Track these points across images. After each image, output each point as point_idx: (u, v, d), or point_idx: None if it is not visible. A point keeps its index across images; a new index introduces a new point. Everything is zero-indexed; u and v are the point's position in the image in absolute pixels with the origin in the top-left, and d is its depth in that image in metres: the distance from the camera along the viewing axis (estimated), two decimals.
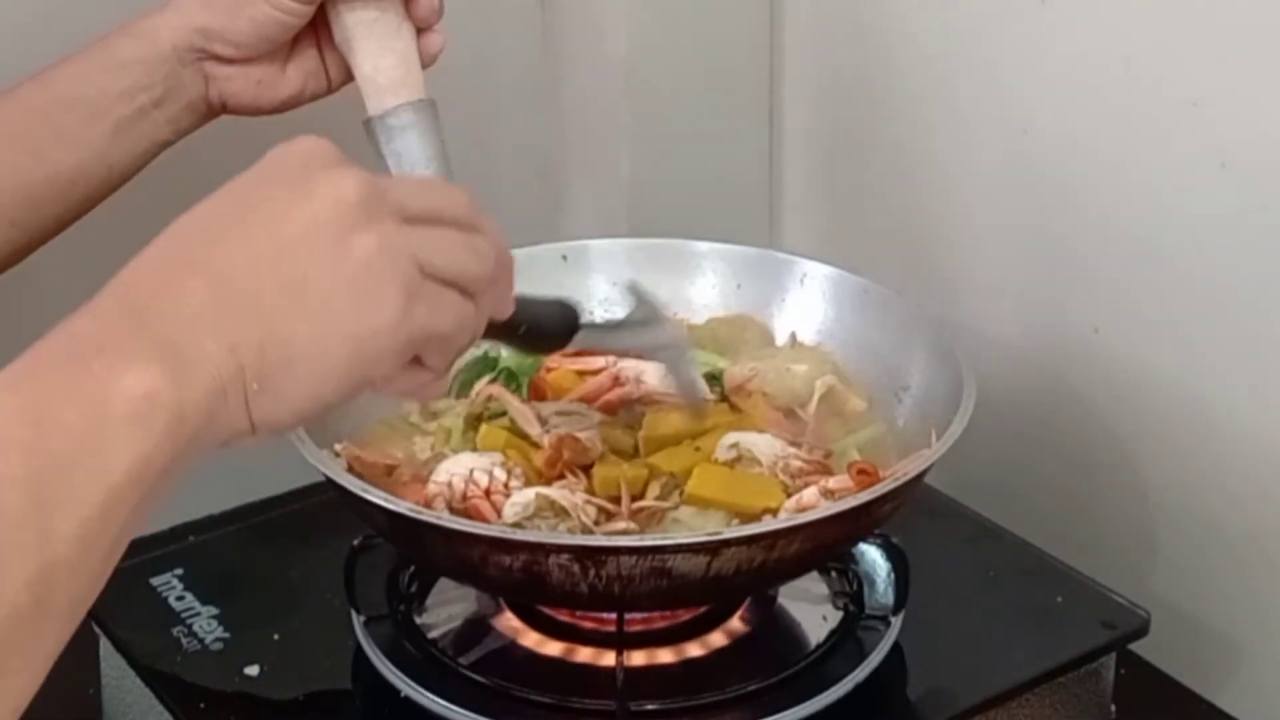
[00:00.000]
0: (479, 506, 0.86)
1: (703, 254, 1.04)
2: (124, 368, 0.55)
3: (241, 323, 0.58)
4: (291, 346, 0.59)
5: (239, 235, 0.60)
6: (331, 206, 0.60)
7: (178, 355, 0.56)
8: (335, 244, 0.60)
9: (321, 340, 0.60)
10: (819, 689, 0.85)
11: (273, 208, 0.61)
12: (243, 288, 0.59)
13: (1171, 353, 1.00)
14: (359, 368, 0.61)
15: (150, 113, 0.90)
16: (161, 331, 0.57)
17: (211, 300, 0.58)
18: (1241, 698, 0.96)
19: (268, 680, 0.87)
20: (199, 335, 0.57)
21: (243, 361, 0.58)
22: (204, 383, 0.57)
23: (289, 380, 0.59)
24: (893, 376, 0.96)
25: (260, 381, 0.59)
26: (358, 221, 0.60)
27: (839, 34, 1.20)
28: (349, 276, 0.60)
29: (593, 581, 0.77)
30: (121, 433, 0.54)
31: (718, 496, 0.87)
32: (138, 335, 0.56)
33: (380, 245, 0.61)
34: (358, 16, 0.91)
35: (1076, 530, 1.06)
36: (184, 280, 0.59)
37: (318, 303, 0.60)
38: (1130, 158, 1.00)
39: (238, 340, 0.58)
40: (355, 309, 0.60)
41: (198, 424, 0.57)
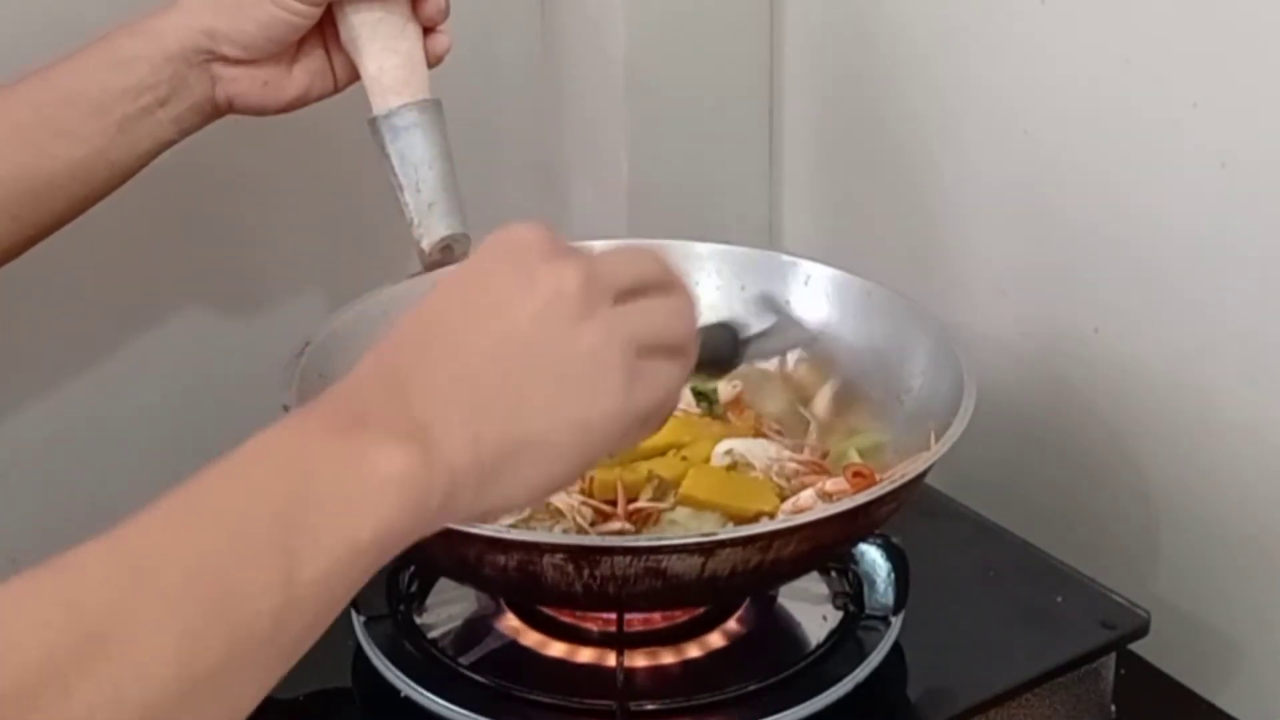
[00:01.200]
0: None
1: (705, 255, 1.04)
2: (381, 443, 0.58)
3: (481, 412, 0.61)
4: (525, 437, 0.61)
5: (476, 321, 0.62)
6: (556, 298, 0.62)
7: (427, 439, 0.59)
8: (562, 336, 0.62)
9: (553, 430, 0.62)
10: (819, 689, 0.85)
11: (503, 297, 0.63)
12: (482, 376, 0.61)
13: (1171, 353, 1.00)
14: (588, 452, 0.63)
15: (155, 112, 0.90)
16: (414, 412, 0.60)
17: (455, 385, 0.61)
18: (1241, 698, 0.97)
19: None
20: (445, 421, 0.60)
21: (480, 451, 0.60)
22: (448, 468, 0.59)
23: (521, 469, 0.62)
24: (894, 377, 0.96)
25: (496, 470, 0.61)
26: (580, 311, 0.62)
27: (839, 34, 1.20)
28: (577, 367, 0.62)
29: (587, 581, 0.77)
30: (373, 501, 0.57)
31: (711, 498, 0.87)
32: (393, 413, 0.59)
33: (604, 334, 0.63)
34: (364, 17, 0.91)
35: (1076, 530, 1.06)
36: (433, 362, 0.61)
37: (550, 393, 0.62)
38: (1130, 158, 1.00)
39: (478, 430, 0.60)
40: (584, 398, 0.62)
41: (438, 503, 0.59)
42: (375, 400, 0.60)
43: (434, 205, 0.92)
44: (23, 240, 0.90)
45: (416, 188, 0.92)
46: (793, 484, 0.89)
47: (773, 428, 0.94)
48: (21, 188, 0.89)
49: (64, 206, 0.90)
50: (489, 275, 0.64)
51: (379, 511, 0.57)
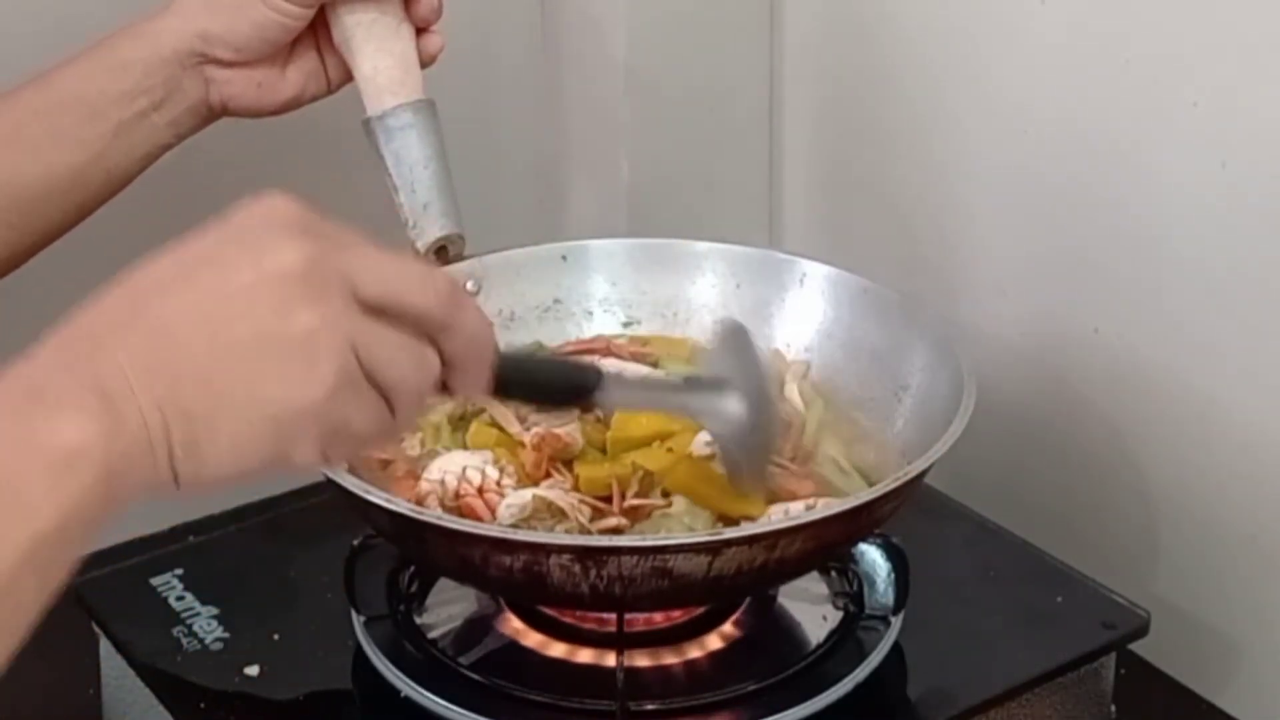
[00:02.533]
0: (472, 504, 0.86)
1: (702, 254, 1.04)
2: (56, 417, 0.55)
3: (172, 382, 0.58)
4: (216, 412, 0.58)
5: (185, 290, 0.59)
6: (277, 275, 0.59)
7: (109, 407, 0.56)
8: (274, 315, 0.59)
9: (245, 411, 0.59)
10: (819, 689, 0.84)
11: (222, 267, 0.60)
12: (179, 347, 0.58)
13: (1172, 352, 1.00)
14: (278, 444, 0.60)
15: (150, 115, 0.90)
16: (97, 382, 0.57)
17: (147, 354, 0.58)
18: (1241, 698, 0.96)
19: (268, 680, 0.87)
20: (132, 389, 0.57)
21: (169, 421, 0.58)
22: (132, 437, 0.57)
23: (212, 445, 0.59)
24: (892, 376, 0.96)
25: (184, 443, 0.58)
26: (302, 295, 0.59)
27: (839, 34, 1.20)
28: (282, 350, 0.59)
29: (594, 582, 0.77)
30: (49, 483, 0.55)
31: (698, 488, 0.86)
32: (73, 384, 0.56)
33: (320, 324, 0.59)
34: (357, 18, 0.91)
35: (1076, 530, 1.06)
36: (125, 331, 0.58)
37: (248, 372, 0.59)
38: (1130, 158, 1.00)
39: (166, 399, 0.57)
40: (283, 384, 0.59)
41: (126, 474, 0.57)
42: (55, 371, 0.57)
43: (429, 206, 0.92)
44: (22, 249, 0.90)
45: (411, 188, 0.92)
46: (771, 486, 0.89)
47: None
48: (20, 195, 0.89)
49: (62, 213, 0.90)
50: (215, 241, 0.61)
51: (56, 495, 0.55)
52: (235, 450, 0.59)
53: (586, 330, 1.03)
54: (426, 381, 0.64)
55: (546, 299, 1.03)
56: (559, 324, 1.03)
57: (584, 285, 1.03)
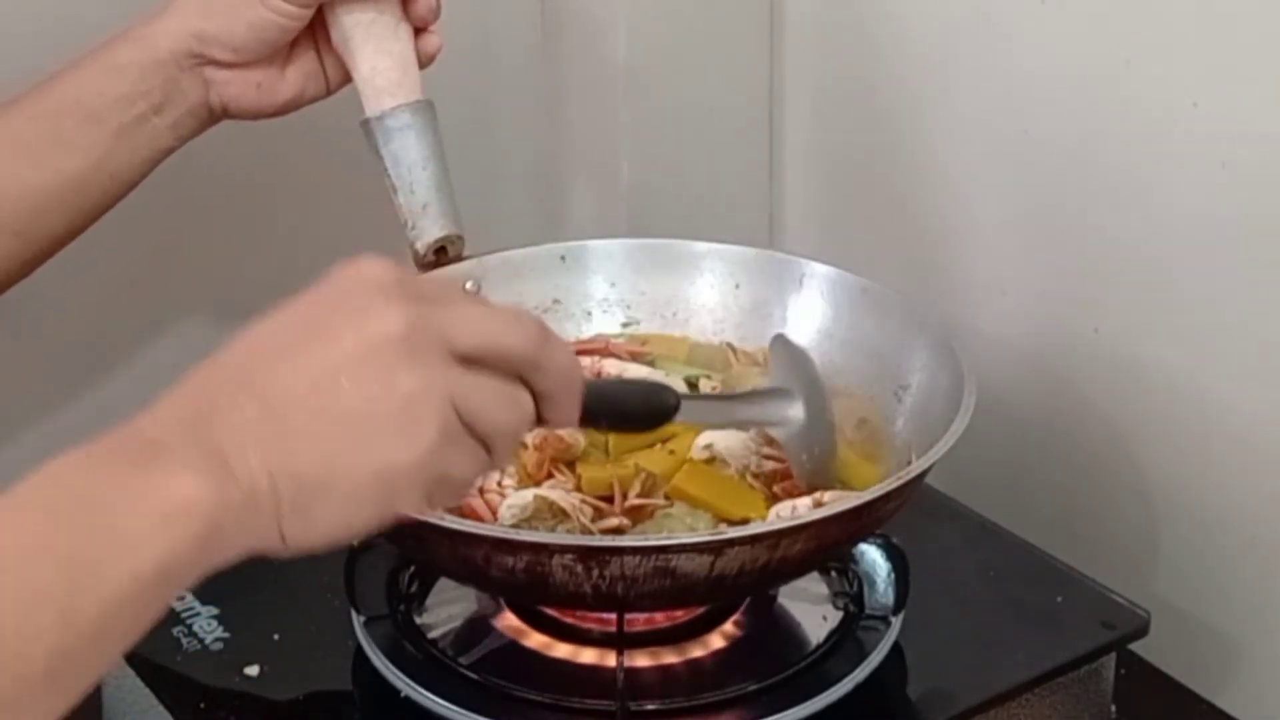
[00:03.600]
0: (473, 505, 0.86)
1: (701, 254, 1.04)
2: (172, 471, 0.58)
3: (284, 448, 0.60)
4: (325, 480, 0.61)
5: (293, 358, 0.62)
6: (381, 340, 0.61)
7: (222, 468, 0.59)
8: (379, 381, 0.61)
9: (353, 475, 0.61)
10: (819, 689, 0.84)
11: (327, 335, 0.62)
12: (290, 413, 0.61)
13: (1172, 353, 1.00)
14: (384, 502, 0.63)
15: (150, 119, 0.90)
16: (212, 443, 0.59)
17: (261, 421, 0.60)
18: (1241, 698, 0.96)
19: (268, 680, 0.87)
20: (245, 453, 0.59)
21: (279, 486, 0.60)
22: (242, 498, 0.59)
23: (320, 508, 0.61)
24: (893, 376, 0.96)
25: (293, 506, 0.61)
26: (402, 359, 0.61)
27: (839, 35, 1.20)
28: (389, 414, 0.61)
29: (596, 582, 0.77)
30: (157, 531, 0.57)
31: (700, 494, 0.87)
32: (189, 443, 0.59)
33: (422, 386, 0.62)
34: (355, 18, 0.91)
35: (1076, 530, 1.06)
36: (239, 397, 0.61)
37: (356, 438, 0.61)
38: (1130, 158, 1.00)
39: (279, 465, 0.60)
40: (389, 447, 0.62)
41: (231, 533, 0.59)
42: (173, 429, 0.60)
43: (428, 206, 0.92)
44: (30, 257, 0.90)
45: (410, 189, 0.92)
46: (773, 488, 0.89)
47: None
48: (23, 202, 0.88)
49: (67, 220, 0.90)
50: (319, 307, 0.63)
51: (161, 544, 0.57)
52: (344, 511, 0.62)
53: (586, 330, 1.03)
54: (522, 422, 0.67)
55: (546, 299, 1.03)
56: (558, 324, 1.03)
57: (583, 286, 1.04)
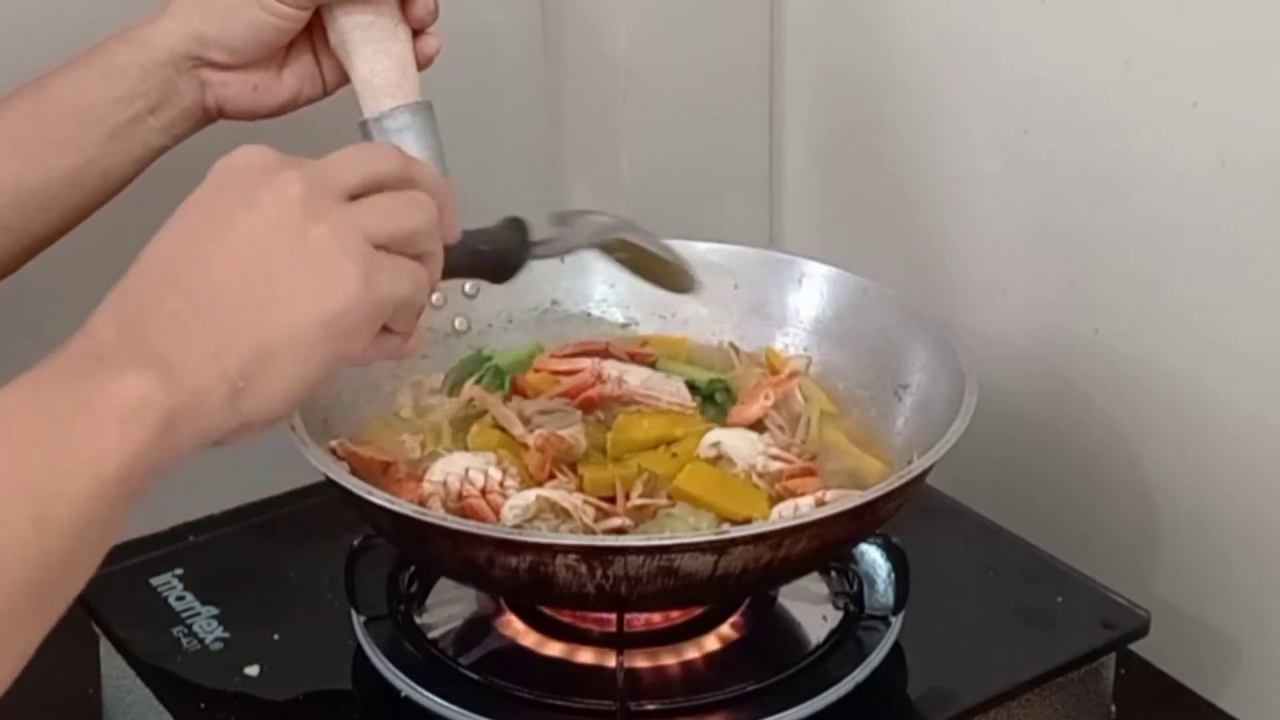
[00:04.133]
0: (475, 506, 0.86)
1: (700, 254, 1.03)
2: (118, 375, 0.61)
3: (219, 331, 0.63)
4: (269, 343, 0.64)
5: (204, 249, 0.65)
6: (280, 207, 0.65)
7: (165, 366, 0.62)
8: (291, 240, 0.65)
9: (295, 330, 0.64)
10: (819, 689, 0.85)
11: (228, 219, 0.65)
12: (216, 298, 0.64)
13: (1172, 352, 1.00)
14: (334, 347, 0.65)
15: (146, 119, 0.90)
16: (150, 345, 0.62)
17: (189, 313, 0.63)
18: (1241, 698, 0.97)
19: (268, 680, 0.88)
20: (182, 347, 0.62)
21: (225, 366, 0.63)
22: (191, 388, 0.62)
23: (272, 374, 0.64)
24: (893, 376, 0.96)
25: (245, 380, 0.63)
26: (306, 214, 0.65)
27: (839, 34, 1.20)
28: (309, 266, 0.65)
29: (599, 582, 0.77)
30: (114, 431, 0.60)
31: (703, 495, 0.87)
32: (129, 349, 0.62)
33: (332, 231, 0.65)
34: (354, 20, 0.91)
35: (1076, 530, 1.06)
36: (164, 297, 0.63)
37: (285, 297, 0.64)
38: (1130, 158, 1.00)
39: (218, 348, 0.63)
40: (321, 294, 0.65)
41: (187, 425, 0.62)
42: (110, 339, 0.62)
43: None
44: (19, 252, 0.90)
45: None
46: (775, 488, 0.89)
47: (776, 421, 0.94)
48: (15, 199, 0.88)
49: (59, 217, 0.90)
50: (213, 199, 0.66)
51: (121, 442, 0.60)
52: (297, 368, 0.64)
53: (584, 331, 1.03)
54: (431, 216, 0.70)
55: (544, 301, 1.03)
56: (557, 325, 1.03)
57: (582, 287, 1.03)
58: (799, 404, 0.96)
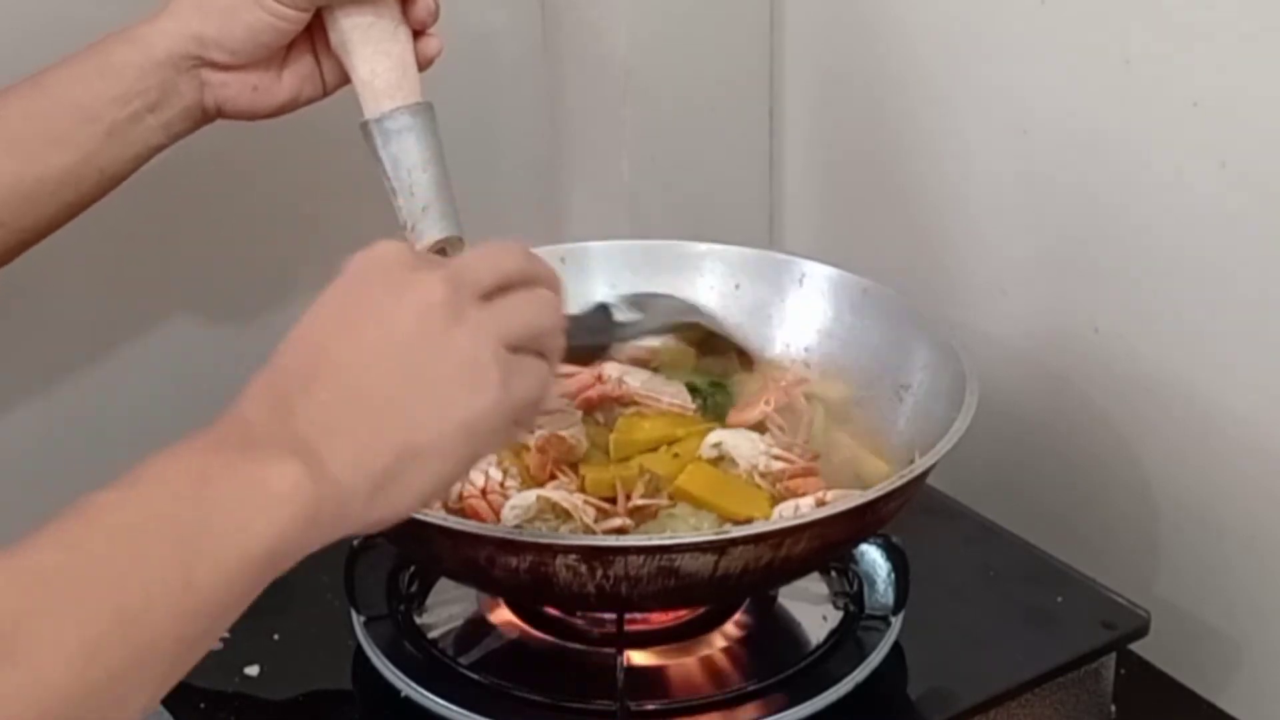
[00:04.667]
0: (475, 506, 0.86)
1: (701, 255, 1.04)
2: (270, 460, 0.62)
3: (368, 426, 0.64)
4: (415, 445, 0.65)
5: (354, 340, 0.66)
6: (426, 308, 0.66)
7: (315, 457, 0.63)
8: (436, 343, 0.66)
9: (441, 432, 0.65)
10: (819, 689, 0.85)
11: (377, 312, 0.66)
12: (366, 393, 0.65)
13: (1172, 352, 1.00)
14: (474, 448, 0.67)
15: (144, 118, 0.90)
16: (299, 433, 0.63)
17: (340, 407, 0.64)
18: (1241, 698, 0.97)
19: (268, 680, 0.88)
20: (332, 440, 0.63)
21: (370, 464, 0.64)
22: (335, 480, 0.63)
23: (413, 474, 0.65)
24: (894, 376, 0.96)
25: (386, 479, 0.64)
26: (449, 317, 0.66)
27: (839, 34, 1.20)
28: (454, 371, 0.66)
29: (600, 582, 0.77)
30: (265, 514, 0.61)
31: (705, 495, 0.87)
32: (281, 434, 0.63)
33: (474, 336, 0.66)
34: (354, 21, 0.91)
35: (1077, 530, 1.06)
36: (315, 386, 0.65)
37: (431, 399, 0.66)
38: (1130, 158, 1.00)
39: (366, 445, 0.64)
40: (466, 397, 0.66)
41: (329, 515, 0.63)
42: (262, 422, 0.64)
43: (427, 209, 0.92)
44: (13, 245, 0.90)
45: (410, 191, 0.92)
46: (777, 488, 0.89)
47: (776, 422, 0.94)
48: (12, 194, 0.88)
49: (54, 212, 0.90)
50: (360, 293, 0.67)
51: (270, 526, 0.61)
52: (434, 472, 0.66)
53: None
54: (558, 315, 0.72)
55: None
56: None
57: (584, 287, 1.03)
58: (801, 404, 0.96)
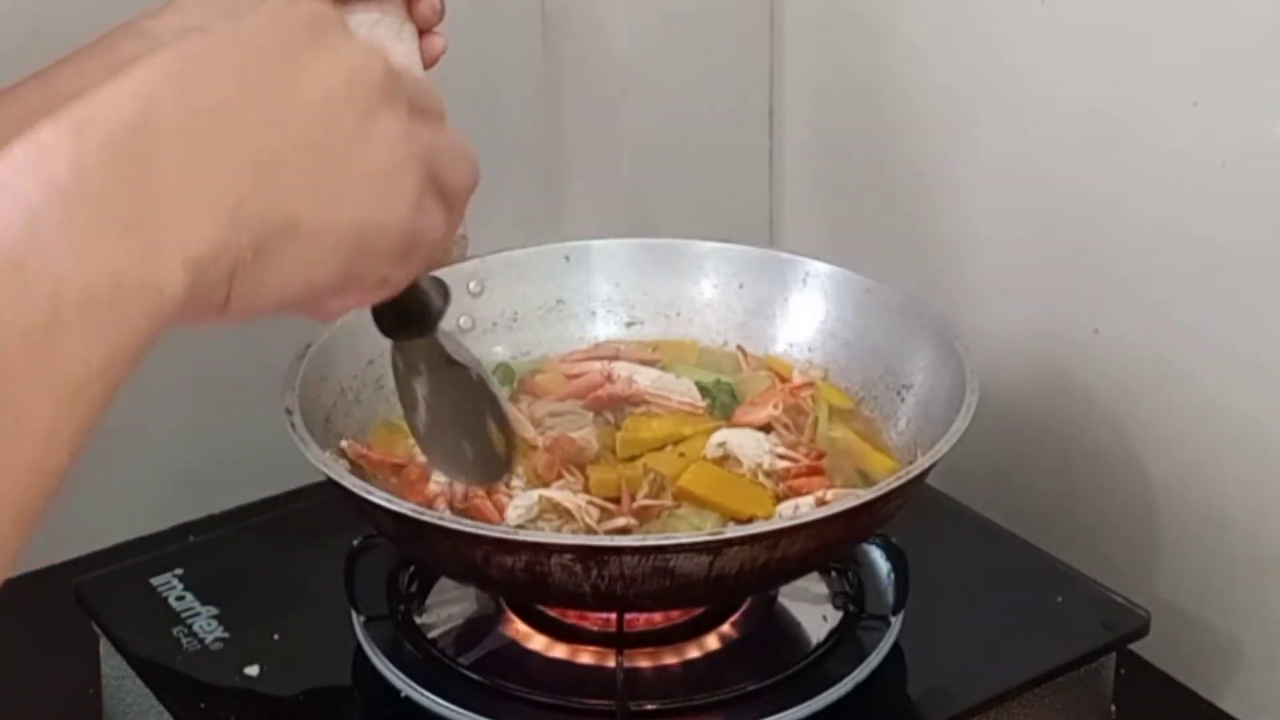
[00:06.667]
0: (480, 505, 0.86)
1: (705, 254, 1.04)
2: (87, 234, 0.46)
3: (251, 181, 0.50)
4: (298, 217, 0.52)
5: (256, 80, 0.52)
6: (357, 75, 0.54)
7: (161, 213, 0.48)
8: (360, 118, 0.54)
9: (330, 218, 0.53)
10: (819, 689, 0.85)
11: (294, 59, 0.53)
12: (258, 141, 0.51)
13: (1172, 352, 1.00)
14: (357, 260, 0.55)
15: None
16: (145, 179, 0.48)
17: (221, 147, 0.50)
18: (1241, 698, 0.97)
19: (268, 680, 0.87)
20: (200, 189, 0.49)
21: (242, 226, 0.50)
22: (188, 249, 0.48)
23: (286, 256, 0.52)
24: (895, 376, 0.96)
25: (254, 253, 0.50)
26: (382, 100, 0.54)
27: (839, 34, 1.20)
28: (370, 158, 0.54)
29: (595, 582, 0.77)
30: (78, 326, 0.46)
31: (707, 495, 0.87)
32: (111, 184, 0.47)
33: (402, 133, 0.55)
34: (359, 19, 0.91)
35: (1076, 530, 1.06)
36: (180, 120, 0.49)
37: (333, 176, 0.53)
38: (1130, 158, 1.00)
39: (243, 200, 0.50)
40: (371, 194, 0.54)
41: (174, 294, 0.48)
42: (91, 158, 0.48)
43: None
44: None
45: None
46: (780, 487, 0.89)
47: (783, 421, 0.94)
48: None
49: None
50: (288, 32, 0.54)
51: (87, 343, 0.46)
52: (308, 267, 0.53)
53: (589, 330, 1.03)
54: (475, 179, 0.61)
55: (549, 299, 1.03)
56: (562, 324, 1.03)
57: (587, 286, 1.04)
58: (808, 405, 0.96)
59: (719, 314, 1.03)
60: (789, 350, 1.01)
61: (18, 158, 0.47)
